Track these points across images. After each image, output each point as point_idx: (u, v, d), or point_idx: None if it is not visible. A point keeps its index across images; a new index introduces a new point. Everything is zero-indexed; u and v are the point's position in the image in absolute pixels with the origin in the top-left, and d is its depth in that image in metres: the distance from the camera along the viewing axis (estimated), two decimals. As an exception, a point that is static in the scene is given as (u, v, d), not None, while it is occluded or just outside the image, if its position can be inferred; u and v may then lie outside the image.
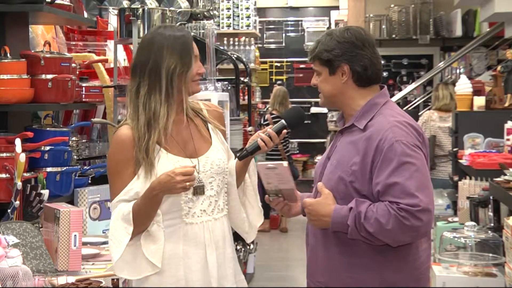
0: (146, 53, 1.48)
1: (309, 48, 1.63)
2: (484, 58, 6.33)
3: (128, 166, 1.48)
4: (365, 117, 1.54)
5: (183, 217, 1.49)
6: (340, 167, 1.52)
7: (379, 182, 1.46)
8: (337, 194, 1.51)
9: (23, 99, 2.04)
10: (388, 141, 1.47)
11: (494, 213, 2.61)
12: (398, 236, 1.46)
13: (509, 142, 3.03)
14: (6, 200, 1.91)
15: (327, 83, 1.57)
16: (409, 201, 1.43)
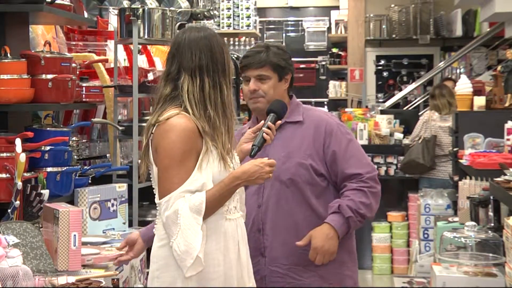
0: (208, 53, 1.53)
1: (249, 55, 1.82)
2: (484, 58, 6.33)
3: (193, 157, 1.48)
4: (296, 114, 1.84)
5: (224, 214, 1.52)
6: (294, 155, 1.78)
7: (336, 157, 1.78)
8: (299, 178, 1.78)
9: (23, 99, 2.04)
10: (332, 125, 1.83)
11: (494, 213, 2.61)
12: (375, 205, 1.80)
13: (509, 142, 3.03)
14: (6, 200, 1.91)
15: (275, 88, 1.81)
16: (366, 169, 1.79)
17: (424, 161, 4.38)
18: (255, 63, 1.80)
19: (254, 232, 1.80)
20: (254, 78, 1.80)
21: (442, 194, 4.09)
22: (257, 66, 1.80)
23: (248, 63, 1.81)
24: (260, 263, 1.81)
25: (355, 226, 1.79)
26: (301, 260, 1.78)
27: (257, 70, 1.80)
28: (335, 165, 1.80)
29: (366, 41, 7.10)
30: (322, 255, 1.74)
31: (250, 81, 1.80)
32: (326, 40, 7.98)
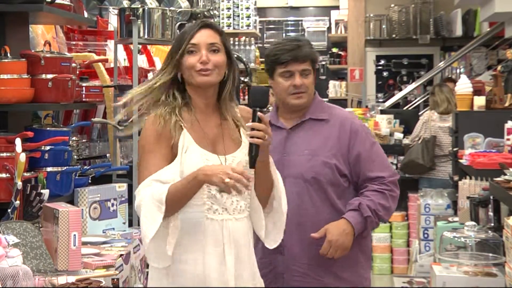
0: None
1: (291, 48, 1.74)
2: (484, 58, 6.34)
3: (163, 146, 1.47)
4: (320, 111, 1.81)
5: (205, 212, 1.49)
6: (319, 153, 1.75)
7: (359, 159, 1.77)
8: (323, 177, 1.75)
9: (23, 99, 2.04)
10: (357, 125, 1.81)
11: (494, 213, 2.61)
12: (393, 209, 1.81)
13: (509, 142, 3.03)
14: (6, 199, 1.90)
15: (313, 83, 1.79)
16: (388, 173, 1.79)
17: (423, 162, 4.38)
18: (301, 57, 1.74)
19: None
20: (299, 73, 1.75)
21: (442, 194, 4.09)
22: (302, 60, 1.75)
23: (293, 56, 1.74)
24: (278, 260, 1.77)
25: (371, 227, 1.79)
26: (321, 260, 1.75)
27: (302, 65, 1.75)
28: (358, 166, 1.77)
29: (366, 41, 7.10)
30: (335, 249, 1.71)
31: (294, 75, 1.75)
32: (326, 40, 7.99)
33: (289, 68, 1.75)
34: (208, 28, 1.51)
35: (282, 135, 1.79)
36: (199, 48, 1.49)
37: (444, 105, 4.46)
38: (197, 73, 1.49)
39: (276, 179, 1.55)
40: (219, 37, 1.52)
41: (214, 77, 1.50)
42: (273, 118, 1.80)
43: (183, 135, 1.48)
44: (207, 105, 1.52)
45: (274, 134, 1.69)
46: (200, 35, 1.49)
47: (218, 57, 1.49)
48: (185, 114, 1.51)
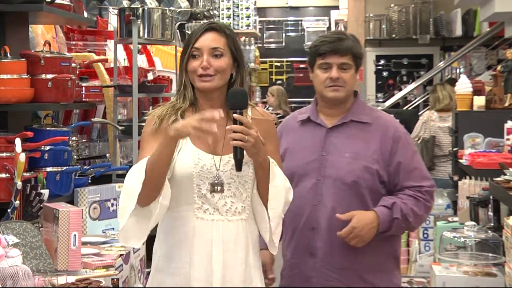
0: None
1: (331, 41, 1.68)
2: (484, 58, 6.34)
3: (157, 138, 1.47)
4: (362, 113, 1.74)
5: (195, 211, 1.47)
6: (361, 157, 1.68)
7: (400, 167, 1.70)
8: (363, 182, 1.68)
9: (23, 98, 2.04)
10: (400, 131, 1.75)
11: (494, 213, 2.61)
12: (424, 218, 1.76)
13: (509, 142, 3.03)
14: (6, 199, 1.90)
15: (353, 79, 1.71)
16: (428, 183, 1.72)
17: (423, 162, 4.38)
18: (341, 50, 1.67)
19: (307, 230, 1.70)
20: (337, 66, 1.68)
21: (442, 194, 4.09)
22: (342, 53, 1.67)
23: (331, 49, 1.67)
24: (308, 263, 1.70)
25: (396, 231, 1.70)
26: (354, 265, 1.69)
27: (341, 58, 1.68)
28: (397, 175, 1.70)
29: (366, 41, 7.10)
30: (355, 237, 1.64)
31: (332, 68, 1.68)
32: (326, 40, 7.97)
33: (327, 60, 1.68)
34: (213, 31, 1.51)
35: (322, 133, 1.72)
36: (202, 53, 1.49)
37: (445, 101, 4.45)
38: (198, 78, 1.50)
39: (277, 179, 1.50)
40: (224, 40, 1.51)
41: (214, 83, 1.49)
42: (312, 114, 1.74)
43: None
44: (212, 107, 1.51)
45: (313, 131, 1.70)
46: (204, 39, 1.50)
47: (220, 62, 1.49)
48: (188, 114, 1.51)
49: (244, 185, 1.50)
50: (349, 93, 1.72)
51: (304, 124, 1.76)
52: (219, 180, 1.48)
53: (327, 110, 1.74)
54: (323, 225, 1.68)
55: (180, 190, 1.48)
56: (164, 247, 1.50)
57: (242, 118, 1.43)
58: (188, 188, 1.48)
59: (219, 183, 1.47)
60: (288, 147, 1.74)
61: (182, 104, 1.52)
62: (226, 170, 1.49)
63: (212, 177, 1.47)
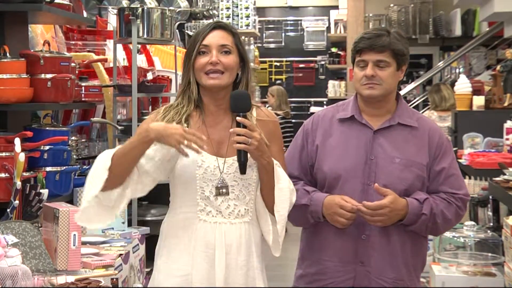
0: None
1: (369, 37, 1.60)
2: (483, 58, 6.34)
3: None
4: (408, 115, 1.65)
5: (198, 213, 1.46)
6: (413, 165, 1.60)
7: (439, 173, 1.62)
8: (412, 191, 1.60)
9: (23, 98, 2.04)
10: (444, 137, 1.67)
11: (493, 213, 2.62)
12: (454, 224, 1.68)
13: (508, 141, 3.04)
14: (6, 199, 1.91)
15: (393, 77, 1.61)
16: (463, 191, 1.65)
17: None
18: (377, 46, 1.58)
19: (355, 237, 1.60)
20: (372, 63, 1.59)
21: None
22: (378, 50, 1.58)
23: (367, 45, 1.59)
24: (356, 271, 1.60)
25: (420, 228, 1.60)
26: (405, 275, 1.61)
27: (377, 55, 1.58)
28: (436, 181, 1.62)
29: (365, 41, 7.09)
30: (381, 215, 1.54)
31: (368, 66, 1.59)
32: (325, 39, 7.99)
33: (363, 57, 1.60)
34: (220, 29, 1.50)
35: (368, 135, 1.61)
36: (210, 49, 1.47)
37: (451, 100, 4.45)
38: (206, 76, 1.47)
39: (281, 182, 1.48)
40: (232, 39, 1.49)
41: (223, 80, 1.47)
42: (356, 114, 1.64)
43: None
44: (218, 107, 1.50)
45: (358, 131, 1.61)
46: (212, 36, 1.48)
47: (229, 59, 1.47)
48: (194, 114, 1.49)
49: (247, 187, 1.48)
50: (387, 92, 1.61)
51: (345, 122, 1.64)
52: (224, 183, 1.46)
53: (370, 110, 1.63)
54: (374, 233, 1.59)
55: (182, 191, 1.47)
56: (166, 248, 1.50)
57: (245, 121, 1.42)
58: (191, 190, 1.46)
59: (224, 186, 1.46)
60: (326, 144, 1.64)
61: (187, 106, 1.48)
62: (230, 173, 1.47)
63: (216, 179, 1.46)
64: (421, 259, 1.67)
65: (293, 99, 7.81)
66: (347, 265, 1.59)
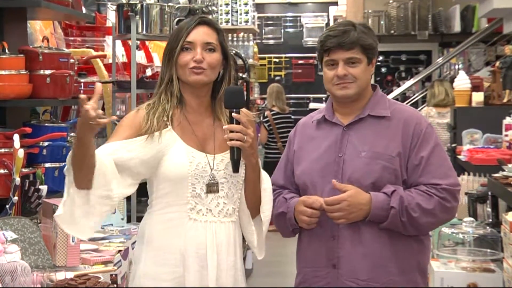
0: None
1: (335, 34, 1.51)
2: (482, 54, 6.34)
3: (125, 130, 1.44)
4: (381, 107, 1.56)
5: (188, 212, 1.43)
6: (380, 157, 1.50)
7: (418, 163, 1.50)
8: (382, 184, 1.50)
9: (22, 94, 2.04)
10: (423, 124, 1.54)
11: (492, 209, 2.62)
12: (440, 218, 1.53)
13: (507, 137, 3.05)
14: (5, 195, 1.91)
15: (365, 73, 1.54)
16: (448, 181, 1.51)
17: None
18: (346, 44, 1.49)
19: (327, 239, 1.53)
20: (343, 62, 1.51)
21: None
22: (347, 47, 1.50)
23: (335, 44, 1.50)
24: (331, 275, 1.53)
25: (394, 224, 1.48)
26: (381, 277, 1.50)
27: (346, 53, 1.50)
28: (415, 172, 1.51)
29: (365, 37, 7.08)
30: (339, 210, 1.46)
31: (338, 65, 1.51)
32: (324, 36, 7.98)
33: (332, 57, 1.52)
34: (205, 25, 1.47)
35: (338, 133, 1.55)
36: (194, 47, 1.44)
37: (440, 96, 4.46)
38: (190, 71, 1.44)
39: (265, 182, 1.47)
40: (216, 36, 1.47)
41: (207, 77, 1.45)
42: (328, 113, 1.58)
43: (166, 132, 1.43)
44: (199, 104, 1.48)
45: (329, 131, 1.55)
46: (197, 32, 1.45)
47: (213, 57, 1.45)
48: (175, 112, 1.46)
49: (236, 185, 1.47)
50: (362, 89, 1.54)
51: (319, 124, 1.59)
52: (215, 180, 1.44)
53: (343, 109, 1.57)
54: (344, 233, 1.50)
55: (172, 190, 1.43)
56: (152, 252, 1.44)
57: (240, 118, 1.39)
58: (182, 188, 1.43)
59: (214, 183, 1.44)
60: (302, 149, 1.59)
61: (170, 102, 1.45)
62: (220, 170, 1.45)
63: (207, 176, 1.43)
64: (412, 261, 1.52)
65: (292, 95, 7.81)
66: (321, 269, 1.52)
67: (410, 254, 1.53)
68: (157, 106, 1.45)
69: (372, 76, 1.58)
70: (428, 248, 1.59)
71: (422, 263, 1.56)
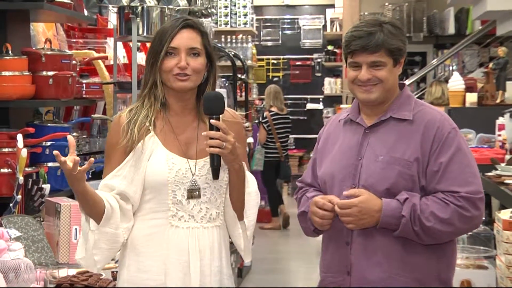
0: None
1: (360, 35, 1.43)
2: (476, 56, 6.39)
3: (119, 151, 1.41)
4: (405, 109, 1.47)
5: (169, 219, 1.40)
6: (396, 162, 1.43)
7: (437, 169, 1.42)
8: (398, 190, 1.42)
9: (25, 95, 2.07)
10: (446, 128, 1.44)
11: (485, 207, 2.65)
12: (459, 228, 1.42)
13: (500, 137, 3.08)
14: (8, 194, 1.93)
15: (391, 75, 1.45)
16: (469, 188, 1.41)
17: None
18: (370, 47, 1.41)
19: (341, 245, 1.47)
20: (367, 65, 1.43)
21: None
22: (371, 51, 1.42)
23: (360, 47, 1.42)
24: (345, 282, 1.47)
25: (406, 233, 1.41)
26: (394, 283, 1.42)
27: (371, 56, 1.42)
28: (434, 179, 1.42)
29: (361, 39, 7.11)
30: (349, 215, 1.41)
31: (362, 68, 1.44)
32: (321, 37, 8.03)
33: (355, 59, 1.44)
34: (189, 28, 1.42)
35: (359, 134, 1.48)
36: (178, 52, 1.40)
37: (436, 94, 4.51)
38: (174, 77, 1.40)
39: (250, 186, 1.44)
40: (200, 39, 1.42)
41: (191, 83, 1.41)
42: (353, 113, 1.51)
43: (149, 138, 1.41)
44: (183, 107, 1.44)
45: (352, 132, 1.49)
46: (181, 37, 1.40)
47: (197, 62, 1.41)
48: (158, 116, 1.43)
49: (219, 190, 1.43)
50: (386, 91, 1.46)
51: (346, 124, 1.52)
52: (196, 186, 1.40)
53: (368, 109, 1.49)
54: (357, 240, 1.44)
55: (154, 197, 1.40)
56: (135, 258, 1.41)
57: (219, 124, 1.36)
58: (163, 195, 1.40)
59: (196, 189, 1.40)
60: (325, 148, 1.54)
61: (153, 106, 1.42)
62: (202, 175, 1.41)
63: (188, 182, 1.40)
64: (431, 271, 1.43)
65: (290, 96, 7.85)
66: (337, 276, 1.48)
67: (429, 264, 1.44)
68: (139, 112, 1.43)
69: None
70: (451, 259, 1.48)
71: (443, 274, 1.46)
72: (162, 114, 1.44)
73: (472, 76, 4.84)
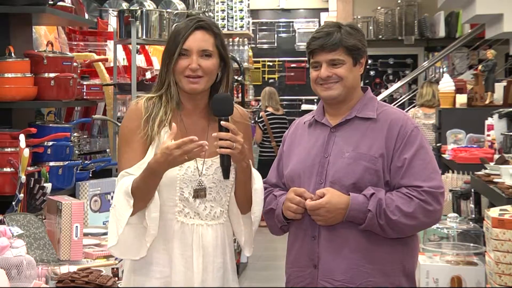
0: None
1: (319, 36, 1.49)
2: (466, 58, 6.49)
3: (139, 137, 1.42)
4: (369, 109, 1.53)
5: (176, 214, 1.43)
6: (362, 157, 1.48)
7: (401, 165, 1.46)
8: (363, 185, 1.47)
9: (27, 96, 2.10)
10: (409, 127, 1.50)
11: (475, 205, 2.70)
12: (421, 222, 1.46)
13: (489, 137, 3.14)
14: (11, 193, 1.96)
15: (351, 73, 1.51)
16: (431, 183, 1.45)
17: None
18: (328, 45, 1.47)
19: (308, 239, 1.51)
20: (326, 64, 1.49)
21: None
22: (329, 49, 1.48)
23: (318, 46, 1.48)
24: (312, 275, 1.50)
25: (372, 227, 1.45)
26: (357, 278, 1.46)
27: (329, 54, 1.48)
28: (398, 174, 1.47)
29: (354, 42, 7.18)
30: (318, 214, 1.45)
31: (322, 66, 1.49)
32: (315, 40, 8.06)
33: (316, 59, 1.50)
34: (202, 29, 1.43)
35: (325, 134, 1.53)
36: (190, 54, 1.42)
37: (427, 97, 4.57)
38: (186, 80, 1.42)
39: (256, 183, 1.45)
40: (213, 40, 1.43)
41: (202, 85, 1.43)
42: (318, 114, 1.56)
43: (165, 133, 1.42)
44: (195, 107, 1.47)
45: (318, 132, 1.54)
46: (193, 39, 1.42)
47: (209, 63, 1.42)
48: (173, 114, 1.45)
49: (225, 189, 1.46)
50: (348, 88, 1.51)
51: (310, 125, 1.58)
52: (202, 186, 1.43)
53: (332, 110, 1.55)
54: (323, 233, 1.48)
55: (161, 193, 1.42)
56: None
57: (229, 125, 1.38)
58: (171, 191, 1.42)
59: (201, 189, 1.43)
60: (291, 149, 1.58)
61: (169, 104, 1.44)
62: (209, 174, 1.44)
63: (195, 181, 1.42)
64: (396, 263, 1.48)
65: (285, 97, 7.90)
66: (304, 269, 1.50)
67: (393, 256, 1.48)
68: (158, 106, 1.45)
69: (361, 78, 1.56)
70: (415, 251, 1.54)
71: (408, 267, 1.51)
72: (176, 113, 1.46)
73: (462, 78, 4.91)
